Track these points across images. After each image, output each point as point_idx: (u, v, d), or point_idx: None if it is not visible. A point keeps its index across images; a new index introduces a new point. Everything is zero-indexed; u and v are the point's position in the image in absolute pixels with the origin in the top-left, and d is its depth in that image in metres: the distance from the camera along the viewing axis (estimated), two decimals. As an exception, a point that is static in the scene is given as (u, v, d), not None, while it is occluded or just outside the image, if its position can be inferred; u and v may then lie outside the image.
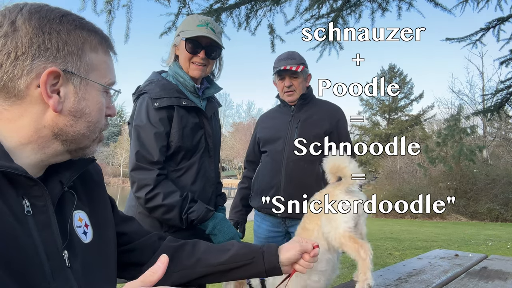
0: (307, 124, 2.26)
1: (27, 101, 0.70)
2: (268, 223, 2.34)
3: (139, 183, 1.56)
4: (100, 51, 0.78)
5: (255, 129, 2.53)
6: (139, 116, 1.63)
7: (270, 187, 2.25)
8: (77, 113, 0.74)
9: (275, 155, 2.28)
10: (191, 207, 1.56)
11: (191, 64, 1.71)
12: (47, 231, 0.69)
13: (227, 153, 39.70)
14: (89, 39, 0.75)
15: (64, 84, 0.72)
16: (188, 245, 1.07)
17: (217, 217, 1.62)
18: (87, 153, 0.81)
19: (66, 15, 0.74)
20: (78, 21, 0.75)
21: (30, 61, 0.68)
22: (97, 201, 0.89)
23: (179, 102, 1.64)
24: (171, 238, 1.10)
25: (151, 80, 1.72)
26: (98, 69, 0.77)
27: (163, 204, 1.54)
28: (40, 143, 0.72)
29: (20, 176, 0.66)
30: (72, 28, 0.73)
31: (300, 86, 2.29)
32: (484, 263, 1.90)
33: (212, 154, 1.79)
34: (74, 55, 0.73)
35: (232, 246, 1.07)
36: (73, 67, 0.73)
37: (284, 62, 2.27)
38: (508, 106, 5.29)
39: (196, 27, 1.66)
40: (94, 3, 3.51)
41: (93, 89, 0.77)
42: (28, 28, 0.68)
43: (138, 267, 1.00)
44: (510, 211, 14.23)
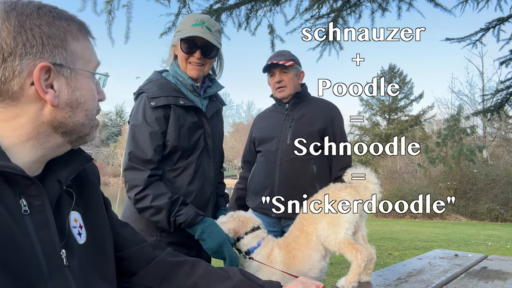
0: (301, 122, 2.26)
1: (22, 101, 0.69)
2: (264, 222, 2.33)
3: (130, 183, 1.55)
4: (81, 39, 0.78)
5: (251, 129, 2.53)
6: (135, 115, 1.63)
7: (264, 187, 2.26)
8: (73, 104, 0.75)
9: (269, 155, 2.28)
10: (179, 210, 1.53)
11: (188, 64, 1.70)
12: (44, 230, 0.69)
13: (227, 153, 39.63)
14: (69, 28, 0.75)
15: (56, 78, 0.72)
16: (187, 265, 0.99)
17: (206, 221, 1.57)
18: (88, 140, 0.81)
19: (42, 7, 0.72)
20: (54, 11, 0.74)
21: (19, 61, 0.67)
22: (92, 202, 0.88)
23: (176, 101, 1.63)
24: (171, 252, 1.02)
25: (150, 79, 1.72)
26: (82, 57, 0.77)
27: (151, 206, 1.52)
28: (40, 139, 0.72)
29: (17, 175, 0.66)
30: (51, 20, 0.72)
31: (291, 82, 2.28)
32: (484, 263, 1.90)
33: (211, 153, 1.78)
34: (59, 47, 0.72)
35: (233, 275, 0.97)
36: (60, 59, 0.72)
37: (273, 59, 2.29)
38: (508, 106, 5.29)
39: (191, 26, 1.65)
40: (94, 3, 3.51)
41: (83, 77, 0.77)
42: (9, 27, 0.67)
43: (127, 277, 0.95)
44: (510, 211, 14.23)
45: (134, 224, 1.62)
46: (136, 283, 0.95)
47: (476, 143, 18.25)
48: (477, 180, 15.53)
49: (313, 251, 1.48)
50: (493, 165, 16.94)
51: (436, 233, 9.98)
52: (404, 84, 32.95)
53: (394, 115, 33.49)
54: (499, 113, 5.23)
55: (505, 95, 5.02)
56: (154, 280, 0.95)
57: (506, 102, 5.08)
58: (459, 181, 15.79)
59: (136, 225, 1.63)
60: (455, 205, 15.01)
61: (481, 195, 15.09)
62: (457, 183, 15.79)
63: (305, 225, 1.52)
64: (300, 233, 1.53)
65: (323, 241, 1.43)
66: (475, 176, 15.66)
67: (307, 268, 1.50)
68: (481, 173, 15.69)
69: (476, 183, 15.52)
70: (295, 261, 1.51)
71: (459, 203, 15.06)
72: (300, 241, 1.51)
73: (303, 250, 1.50)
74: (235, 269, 1.00)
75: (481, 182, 15.43)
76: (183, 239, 1.63)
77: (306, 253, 1.49)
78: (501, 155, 19.02)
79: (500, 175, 15.29)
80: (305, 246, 1.50)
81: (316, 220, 1.48)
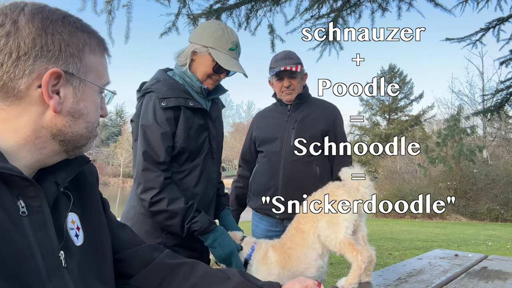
0: (304, 124, 2.26)
1: (26, 101, 0.70)
2: (266, 223, 2.34)
3: (146, 185, 1.53)
4: (98, 53, 0.79)
5: (250, 128, 2.52)
6: (145, 115, 1.60)
7: (267, 188, 2.25)
8: (75, 114, 0.75)
9: (272, 156, 2.27)
10: (194, 217, 1.53)
11: (208, 78, 1.70)
12: (42, 231, 0.69)
13: (227, 153, 39.69)
14: (89, 41, 0.76)
15: (64, 85, 0.72)
16: (186, 266, 0.98)
17: (218, 230, 1.58)
18: (83, 151, 0.81)
19: (67, 17, 0.74)
20: (79, 22, 0.76)
21: (32, 62, 0.68)
22: (90, 204, 0.88)
23: (186, 103, 1.62)
24: (169, 254, 1.01)
25: (158, 79, 1.68)
26: (95, 71, 0.78)
27: (167, 210, 1.51)
28: (38, 144, 0.72)
29: (15, 176, 0.66)
30: (74, 30, 0.74)
31: (299, 85, 2.29)
32: (484, 263, 1.90)
33: (215, 156, 1.78)
34: (75, 57, 0.73)
35: (232, 276, 0.97)
36: (73, 68, 0.73)
37: (282, 63, 2.25)
38: (508, 106, 5.28)
39: (228, 50, 1.66)
40: (94, 3, 3.51)
41: (90, 90, 0.77)
42: (32, 28, 0.68)
43: (125, 279, 0.94)
44: (510, 211, 14.23)
45: (139, 226, 1.63)
46: (134, 285, 0.95)
47: (476, 143, 18.25)
48: (477, 180, 15.53)
49: (309, 249, 1.48)
50: (493, 165, 16.94)
51: (436, 233, 9.98)
52: (404, 84, 32.97)
53: (394, 115, 33.52)
54: (499, 113, 5.23)
55: (505, 95, 5.02)
56: (152, 282, 0.95)
57: (506, 102, 5.08)
58: (459, 181, 15.79)
59: (141, 226, 1.62)
60: (455, 205, 15.01)
61: (481, 195, 15.08)
62: (457, 183, 15.79)
63: (302, 223, 1.51)
64: (296, 231, 1.52)
65: (323, 240, 1.43)
66: (475, 176, 15.66)
67: (303, 267, 1.50)
68: (481, 173, 15.69)
69: (476, 183, 15.51)
70: (290, 260, 1.51)
71: (459, 203, 15.05)
72: (296, 240, 1.51)
73: (298, 249, 1.50)
74: (235, 271, 1.00)
75: (481, 182, 15.43)
76: (188, 241, 1.63)
77: (301, 252, 1.49)
78: (501, 155, 19.03)
79: (500, 175, 15.29)
80: (300, 245, 1.49)
81: (315, 219, 1.47)
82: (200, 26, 1.78)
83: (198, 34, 1.71)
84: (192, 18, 3.96)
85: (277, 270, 1.52)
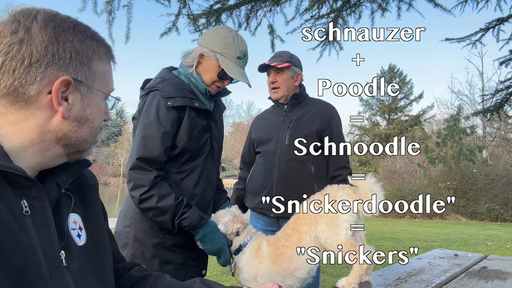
0: (299, 123, 2.27)
1: (35, 106, 0.71)
2: (263, 222, 2.35)
3: (136, 183, 1.54)
4: (105, 61, 0.81)
5: (250, 130, 2.55)
6: (148, 113, 1.58)
7: (263, 187, 2.27)
8: (82, 119, 0.77)
9: (268, 156, 2.28)
10: (184, 213, 1.53)
11: (213, 83, 1.71)
12: (44, 231, 0.70)
13: (227, 153, 39.68)
14: (97, 49, 0.78)
15: (73, 92, 0.74)
16: (151, 279, 1.02)
17: (209, 225, 1.59)
18: (84, 155, 0.83)
19: (78, 25, 0.76)
20: (88, 31, 0.78)
21: (43, 69, 0.70)
22: (92, 205, 0.90)
23: (191, 103, 1.61)
24: (139, 268, 1.05)
25: (163, 78, 1.66)
26: (102, 78, 0.80)
27: (157, 207, 1.51)
28: (42, 147, 0.73)
29: (19, 176, 0.67)
30: (84, 38, 0.76)
31: (285, 83, 2.28)
32: (484, 263, 1.91)
33: (215, 157, 1.78)
34: (84, 65, 0.75)
35: (194, 284, 1.00)
36: (82, 76, 0.75)
37: (270, 60, 2.30)
38: (508, 106, 5.29)
39: (236, 58, 1.66)
40: (95, 4, 3.52)
41: (96, 96, 0.80)
42: (44, 36, 0.70)
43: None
44: (509, 211, 14.23)
45: (137, 225, 1.63)
46: None
47: (476, 143, 18.25)
48: (477, 180, 15.53)
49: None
50: (492, 165, 16.94)
51: (436, 233, 9.98)
52: (404, 84, 32.96)
53: (394, 115, 33.50)
54: (498, 113, 5.24)
55: (504, 95, 5.02)
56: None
57: (506, 102, 5.09)
58: (459, 181, 15.79)
59: (139, 226, 1.63)
60: (455, 205, 15.01)
61: (480, 195, 15.08)
62: (457, 183, 15.79)
63: (299, 224, 1.51)
64: (293, 231, 1.53)
65: (323, 243, 1.43)
66: (475, 176, 15.66)
67: (293, 267, 1.50)
68: (481, 173, 15.69)
69: (476, 183, 15.51)
70: (282, 258, 1.51)
71: (459, 203, 15.06)
72: (291, 240, 1.51)
73: (292, 248, 1.50)
74: (196, 279, 1.03)
75: (481, 182, 15.42)
76: (186, 241, 1.64)
77: (295, 252, 1.49)
78: (501, 155, 19.03)
79: (499, 175, 15.29)
80: (295, 244, 1.49)
81: (313, 221, 1.47)
82: (211, 30, 1.76)
83: (208, 38, 1.70)
84: (192, 19, 3.97)
85: (267, 264, 1.53)
